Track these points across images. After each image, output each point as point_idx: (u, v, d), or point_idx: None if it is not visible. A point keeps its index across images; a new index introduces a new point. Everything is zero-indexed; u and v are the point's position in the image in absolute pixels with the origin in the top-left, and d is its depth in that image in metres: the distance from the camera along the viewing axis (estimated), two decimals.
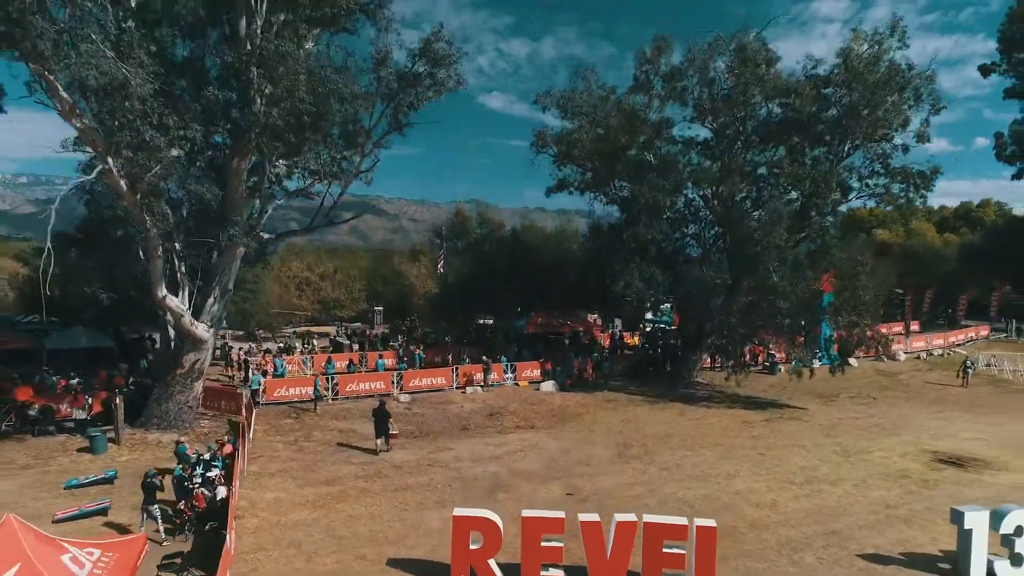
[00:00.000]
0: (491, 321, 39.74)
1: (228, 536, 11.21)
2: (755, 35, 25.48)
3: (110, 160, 12.75)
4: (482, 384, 26.59)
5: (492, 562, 10.83)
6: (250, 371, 25.81)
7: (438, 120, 17.82)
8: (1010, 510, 11.76)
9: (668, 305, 31.63)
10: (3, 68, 12.90)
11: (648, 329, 37.19)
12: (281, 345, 32.15)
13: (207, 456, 15.03)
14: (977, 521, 11.65)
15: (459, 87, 17.35)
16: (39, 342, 26.49)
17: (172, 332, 19.31)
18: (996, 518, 11.72)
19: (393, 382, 25.38)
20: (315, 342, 35.69)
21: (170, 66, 16.61)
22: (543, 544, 10.90)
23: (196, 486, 13.45)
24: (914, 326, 48.99)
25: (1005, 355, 35.71)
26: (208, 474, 14.20)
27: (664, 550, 10.75)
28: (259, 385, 23.19)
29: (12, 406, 19.39)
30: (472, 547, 10.89)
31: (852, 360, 31.16)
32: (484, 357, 27.47)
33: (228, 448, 15.93)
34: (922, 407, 25.72)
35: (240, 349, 30.49)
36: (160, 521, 12.17)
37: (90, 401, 19.52)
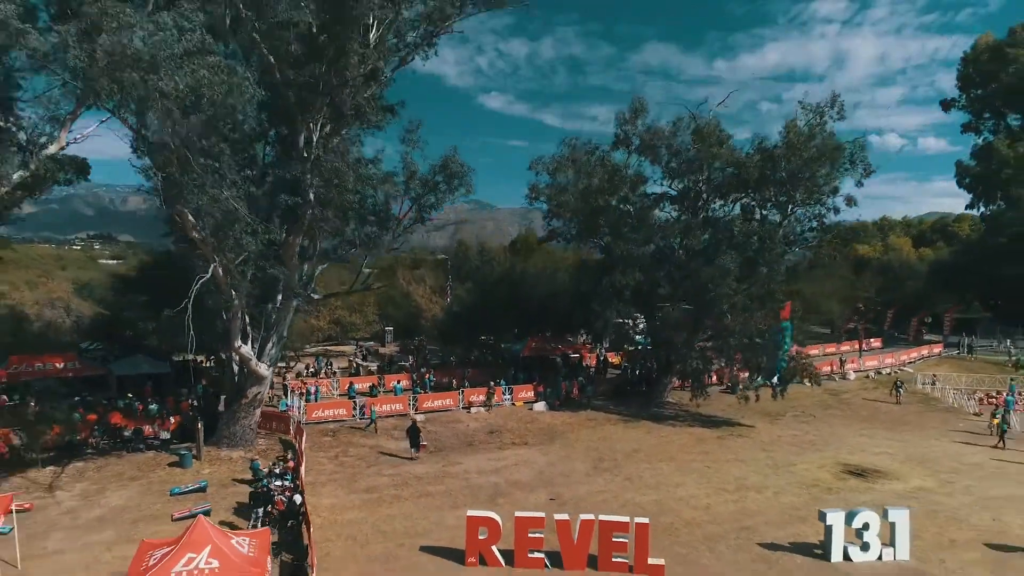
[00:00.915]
0: (491, 340, 44.50)
1: (307, 531, 16.03)
2: (714, 111, 30.58)
3: (216, 258, 17.55)
4: (483, 405, 31.41)
5: (494, 548, 15.64)
6: (288, 393, 30.56)
7: (451, 223, 22.71)
8: (860, 511, 16.58)
9: (640, 337, 36.43)
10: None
11: (632, 349, 42.07)
12: (312, 370, 36.93)
13: (277, 471, 19.90)
14: (836, 519, 16.44)
15: (468, 193, 22.44)
16: (109, 369, 31.29)
17: (236, 369, 24.13)
18: (850, 517, 16.53)
19: (410, 403, 30.22)
20: (334, 363, 40.26)
21: (241, 165, 21.44)
22: (530, 535, 15.67)
23: (275, 494, 18.28)
24: (876, 343, 53.68)
25: (943, 374, 40.56)
26: (276, 483, 19.05)
27: (613, 539, 15.55)
28: (286, 407, 28.01)
29: (107, 428, 24.24)
30: (480, 538, 15.68)
31: (807, 381, 35.92)
32: (491, 383, 32.24)
33: (291, 464, 20.80)
34: (853, 425, 30.59)
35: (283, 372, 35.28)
36: (260, 520, 16.96)
37: (172, 422, 24.38)
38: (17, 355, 28.91)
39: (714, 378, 34.15)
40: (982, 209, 57.83)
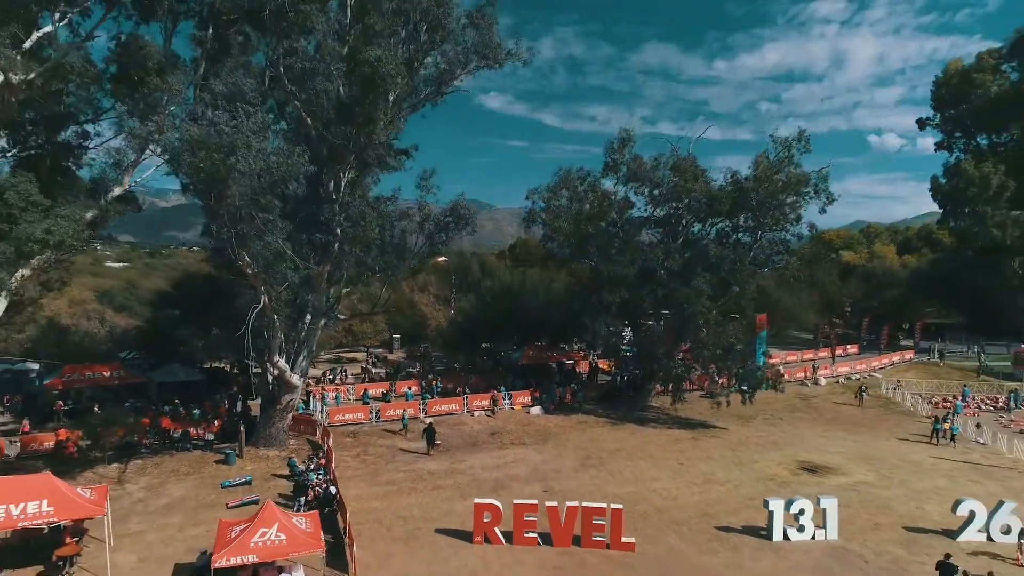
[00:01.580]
0: (492, 348, 48.06)
1: (343, 516, 19.58)
2: (694, 142, 34.26)
3: (264, 289, 21.11)
4: (485, 409, 34.97)
5: (497, 529, 19.23)
6: (311, 399, 34.09)
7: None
8: (797, 499, 20.17)
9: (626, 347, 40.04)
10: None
11: (621, 357, 45.69)
12: (331, 377, 40.50)
13: (312, 466, 23.50)
14: (776, 506, 20.01)
15: (472, 233, 26.07)
16: (149, 377, 34.83)
17: (271, 379, 27.70)
18: (788, 504, 20.10)
19: (420, 408, 33.78)
20: (348, 370, 43.79)
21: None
22: (525, 519, 19.25)
23: (312, 486, 21.86)
24: (853, 349, 57.18)
25: (907, 379, 44.16)
26: (312, 477, 22.62)
27: (593, 522, 19.14)
28: (303, 410, 31.53)
29: (158, 430, 27.79)
30: (485, 521, 19.24)
31: (776, 386, 39.30)
32: (494, 391, 35.79)
33: (323, 461, 24.38)
34: (816, 427, 34.17)
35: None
36: (301, 508, 20.53)
37: (216, 425, 27.99)
38: (70, 365, 32.46)
39: (692, 383, 37.71)
40: (952, 224, 61.37)
